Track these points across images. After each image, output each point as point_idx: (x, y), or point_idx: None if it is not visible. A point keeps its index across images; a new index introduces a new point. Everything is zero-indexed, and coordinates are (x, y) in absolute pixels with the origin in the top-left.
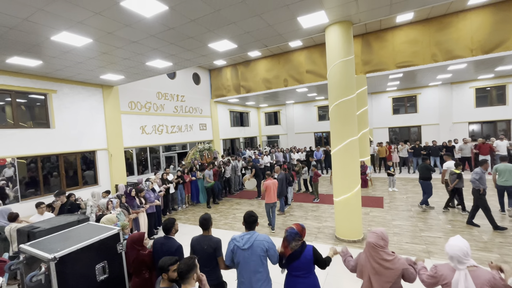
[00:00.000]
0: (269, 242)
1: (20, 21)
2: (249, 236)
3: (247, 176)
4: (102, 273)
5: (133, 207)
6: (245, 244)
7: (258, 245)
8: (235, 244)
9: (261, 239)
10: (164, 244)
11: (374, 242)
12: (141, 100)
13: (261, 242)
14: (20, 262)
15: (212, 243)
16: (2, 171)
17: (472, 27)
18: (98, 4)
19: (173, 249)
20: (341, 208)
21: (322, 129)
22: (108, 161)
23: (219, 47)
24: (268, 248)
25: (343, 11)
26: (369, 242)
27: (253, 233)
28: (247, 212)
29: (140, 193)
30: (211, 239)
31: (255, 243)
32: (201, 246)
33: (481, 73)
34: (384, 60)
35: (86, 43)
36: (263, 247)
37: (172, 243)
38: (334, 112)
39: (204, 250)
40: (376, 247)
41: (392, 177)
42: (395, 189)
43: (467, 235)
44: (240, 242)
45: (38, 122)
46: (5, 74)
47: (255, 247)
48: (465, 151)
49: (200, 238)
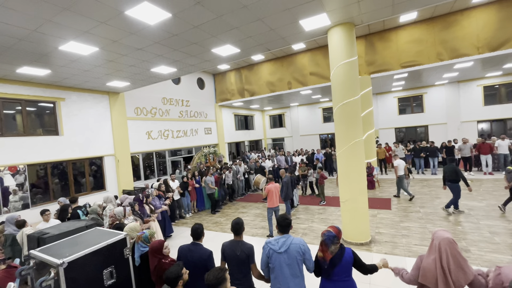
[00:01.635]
0: (305, 245)
1: (29, 32)
2: (284, 239)
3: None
4: (109, 277)
5: (144, 215)
6: (281, 247)
7: (295, 248)
8: (270, 247)
9: (297, 242)
10: (193, 251)
11: (451, 237)
12: (147, 106)
13: (297, 245)
14: (31, 268)
15: (246, 248)
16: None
17: (478, 24)
18: (103, 13)
19: (205, 256)
20: (347, 211)
21: (327, 131)
22: (115, 166)
23: (223, 52)
24: (305, 251)
25: (345, 13)
26: (445, 237)
27: (288, 236)
28: (280, 215)
29: (148, 199)
30: (244, 244)
31: (292, 246)
32: (234, 251)
33: (488, 71)
34: (388, 60)
35: (93, 51)
36: (300, 250)
37: (203, 250)
38: (339, 113)
39: (237, 256)
40: (455, 242)
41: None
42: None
43: (477, 236)
44: (276, 246)
45: (47, 129)
46: (16, 83)
47: (292, 251)
48: (465, 151)
49: (232, 243)
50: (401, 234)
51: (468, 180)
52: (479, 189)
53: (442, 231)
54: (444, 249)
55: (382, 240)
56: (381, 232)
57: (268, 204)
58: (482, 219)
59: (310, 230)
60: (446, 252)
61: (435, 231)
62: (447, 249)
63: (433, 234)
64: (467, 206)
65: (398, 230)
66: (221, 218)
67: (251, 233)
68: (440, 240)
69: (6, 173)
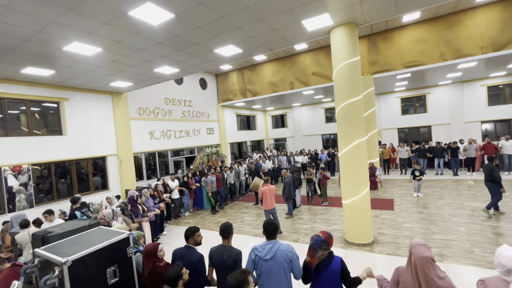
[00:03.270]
0: (293, 252)
1: (34, 33)
2: (271, 245)
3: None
4: (113, 276)
5: (137, 215)
6: (267, 254)
7: (281, 255)
8: (256, 254)
9: (284, 248)
10: (184, 254)
11: (431, 256)
12: (150, 106)
13: (284, 252)
14: (35, 266)
15: (233, 254)
16: (17, 177)
17: (482, 24)
18: (107, 14)
19: (194, 260)
20: (350, 211)
21: (330, 131)
22: (118, 166)
23: (225, 52)
24: (292, 259)
25: (348, 13)
26: (424, 256)
27: (275, 242)
28: (266, 219)
29: (140, 198)
30: (232, 249)
31: (278, 253)
32: (221, 256)
33: (493, 71)
34: (391, 61)
35: (96, 52)
36: (287, 257)
37: (193, 254)
38: (341, 114)
39: (224, 261)
40: (432, 262)
41: (419, 181)
42: (419, 195)
43: (481, 237)
44: (262, 252)
45: (51, 129)
46: (20, 84)
47: (278, 257)
48: (470, 151)
49: (219, 248)
50: (403, 235)
51: (471, 180)
52: (483, 190)
53: (421, 247)
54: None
55: (384, 241)
56: (383, 233)
57: (263, 207)
58: (486, 220)
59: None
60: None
61: (413, 243)
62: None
63: (410, 247)
64: (471, 207)
65: (400, 231)
66: (223, 218)
67: (253, 233)
68: (417, 258)
69: (10, 173)
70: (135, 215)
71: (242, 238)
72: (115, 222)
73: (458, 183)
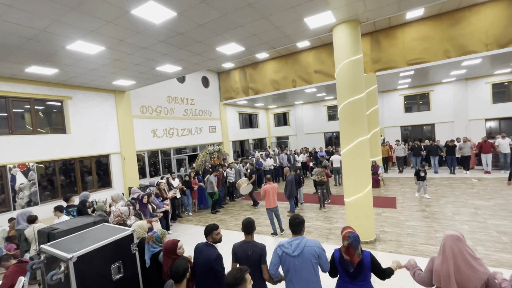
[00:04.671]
0: (320, 247)
1: (38, 32)
2: (298, 241)
3: (243, 180)
4: (117, 272)
5: (145, 215)
6: (294, 251)
7: (309, 251)
8: (283, 250)
9: (312, 244)
10: (203, 250)
11: (458, 234)
12: (152, 104)
13: (311, 248)
14: (41, 262)
15: (258, 249)
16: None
17: (487, 21)
18: (110, 13)
19: (212, 258)
20: (352, 209)
21: (332, 129)
22: (121, 164)
23: (227, 50)
24: (320, 254)
25: (350, 10)
26: (452, 235)
27: (302, 238)
28: (292, 215)
29: (150, 198)
30: (256, 245)
31: (306, 249)
32: (245, 252)
33: (497, 68)
34: (394, 58)
35: (99, 50)
36: (314, 253)
37: (211, 251)
38: (343, 112)
39: (249, 256)
40: (461, 239)
41: (423, 181)
42: (426, 196)
43: (484, 235)
44: (289, 249)
45: (55, 127)
46: (24, 82)
47: (306, 254)
48: (465, 150)
49: (243, 244)
50: (406, 233)
51: (474, 179)
52: (487, 188)
53: (450, 231)
54: (449, 246)
55: (387, 238)
56: (386, 231)
57: (265, 205)
58: (489, 218)
59: (315, 228)
60: (452, 250)
61: (446, 232)
62: (452, 247)
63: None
64: (474, 205)
65: (403, 229)
66: (225, 216)
67: (256, 231)
68: (446, 238)
69: (18, 171)
70: (144, 215)
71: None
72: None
73: (461, 181)
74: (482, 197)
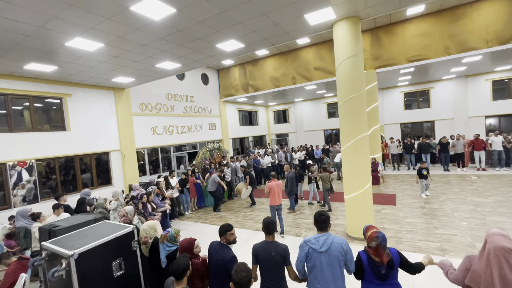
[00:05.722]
0: (347, 245)
1: (36, 28)
2: (325, 237)
3: (241, 185)
4: (118, 269)
5: (146, 213)
6: (322, 247)
7: (336, 248)
8: (310, 246)
9: (339, 241)
10: (218, 251)
11: (510, 247)
12: (152, 102)
13: (339, 244)
14: (43, 259)
15: (281, 249)
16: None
17: (488, 17)
18: (109, 9)
19: (226, 259)
20: (352, 206)
21: (332, 126)
22: (121, 162)
23: (227, 47)
24: (347, 251)
25: (351, 7)
26: (501, 246)
27: (329, 234)
28: (317, 211)
29: (150, 197)
30: (278, 245)
31: (333, 246)
32: (268, 253)
33: (498, 65)
34: (394, 55)
35: (98, 47)
36: (342, 250)
37: (226, 253)
38: (343, 109)
39: (272, 257)
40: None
41: (425, 180)
42: (427, 194)
43: (483, 232)
44: (316, 245)
45: (55, 125)
46: (23, 80)
47: (333, 250)
48: (458, 147)
49: (264, 244)
50: (405, 229)
51: (474, 176)
52: (486, 185)
53: (500, 237)
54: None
55: (386, 235)
56: (385, 228)
57: (270, 202)
58: (488, 215)
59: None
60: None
61: (491, 232)
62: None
63: (487, 235)
64: (473, 202)
65: (402, 226)
66: (226, 213)
67: (256, 227)
68: (494, 247)
69: (19, 168)
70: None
71: (245, 232)
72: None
73: (461, 178)
74: (481, 194)
